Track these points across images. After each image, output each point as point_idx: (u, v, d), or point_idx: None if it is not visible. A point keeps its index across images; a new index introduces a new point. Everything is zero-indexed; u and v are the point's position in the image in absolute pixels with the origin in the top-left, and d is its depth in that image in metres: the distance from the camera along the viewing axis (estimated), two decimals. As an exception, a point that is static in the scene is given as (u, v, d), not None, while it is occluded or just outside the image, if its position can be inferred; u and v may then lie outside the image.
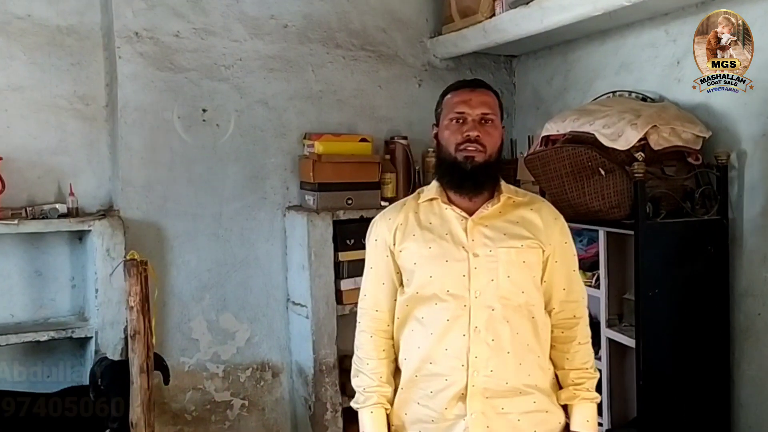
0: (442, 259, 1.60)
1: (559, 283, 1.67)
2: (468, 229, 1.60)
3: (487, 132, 1.60)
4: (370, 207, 2.99)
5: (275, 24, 3.02)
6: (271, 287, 3.06)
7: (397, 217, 1.69)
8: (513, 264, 1.59)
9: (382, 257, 1.71)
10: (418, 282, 1.62)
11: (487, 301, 1.57)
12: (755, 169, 2.24)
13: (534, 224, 1.64)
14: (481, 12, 2.89)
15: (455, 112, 1.62)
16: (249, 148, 2.98)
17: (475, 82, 1.70)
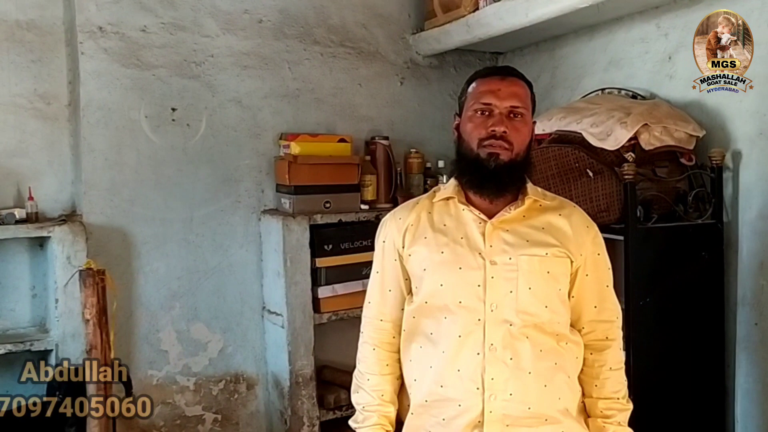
0: (455, 265, 1.43)
1: (590, 300, 1.50)
2: (486, 233, 1.43)
3: (515, 128, 1.43)
4: (349, 210, 2.87)
5: (249, 19, 2.88)
6: (246, 295, 2.92)
7: (409, 216, 1.53)
8: (535, 274, 1.42)
9: (389, 261, 1.54)
10: (427, 290, 1.46)
11: (504, 315, 1.40)
12: (751, 170, 2.12)
13: (562, 231, 1.46)
14: (464, 6, 2.76)
15: (481, 103, 1.43)
16: (221, 149, 2.84)
17: (505, 69, 1.52)
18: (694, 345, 2.15)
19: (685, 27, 2.33)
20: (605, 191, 2.10)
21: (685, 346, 2.14)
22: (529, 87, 1.50)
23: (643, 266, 2.07)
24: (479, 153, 1.43)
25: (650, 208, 2.09)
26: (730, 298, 2.17)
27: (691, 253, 2.13)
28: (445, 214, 1.50)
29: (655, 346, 2.11)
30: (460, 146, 1.51)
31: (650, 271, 2.09)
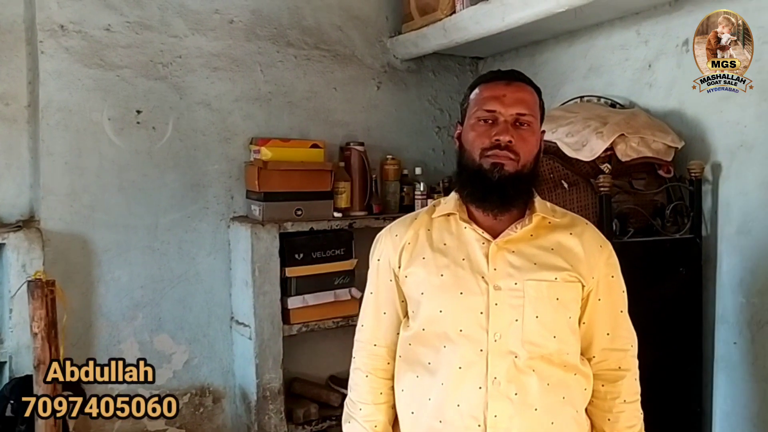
0: (455, 290, 1.33)
1: (602, 327, 1.39)
2: (490, 254, 1.33)
3: (522, 137, 1.33)
4: (321, 218, 2.78)
5: (220, 19, 2.78)
6: (213, 305, 2.82)
7: (406, 233, 1.42)
8: (543, 301, 1.31)
9: (384, 281, 1.44)
10: (425, 316, 1.36)
11: (509, 345, 1.29)
12: (731, 184, 2.05)
13: (573, 252, 1.36)
14: (441, 9, 2.68)
15: (484, 110, 1.34)
16: (189, 154, 2.74)
17: (511, 73, 1.41)
18: (671, 364, 2.07)
19: (666, 34, 2.27)
20: (580, 203, 2.02)
21: (661, 365, 2.05)
22: (537, 93, 1.41)
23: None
24: (482, 163, 1.33)
25: (627, 221, 2.01)
26: (708, 316, 2.10)
27: (668, 269, 2.05)
28: (446, 232, 1.39)
29: (630, 365, 2.02)
30: (461, 157, 1.41)
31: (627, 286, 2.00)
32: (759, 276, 1.94)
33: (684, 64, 2.20)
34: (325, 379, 3.03)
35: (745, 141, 1.99)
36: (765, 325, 1.92)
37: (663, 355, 2.05)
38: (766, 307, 1.92)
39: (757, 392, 1.96)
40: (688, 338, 2.09)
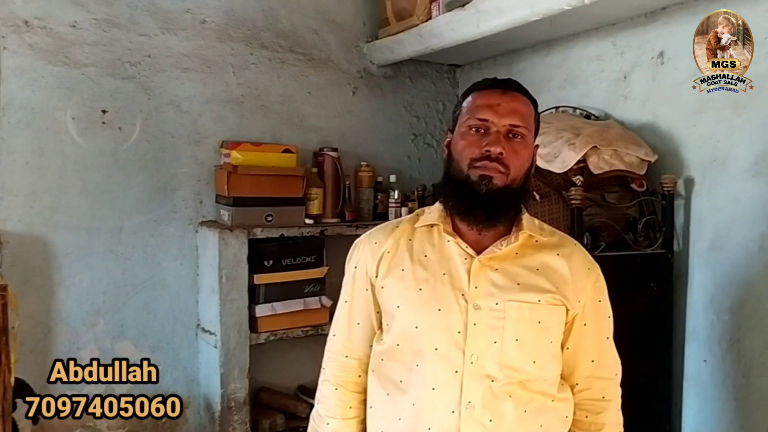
0: (433, 306, 1.26)
1: (587, 353, 1.33)
2: (472, 271, 1.27)
3: (514, 149, 1.26)
4: (292, 225, 2.72)
5: (191, 18, 2.72)
6: (179, 311, 2.75)
7: (386, 241, 1.35)
8: (525, 324, 1.25)
9: (359, 290, 1.38)
10: (399, 331, 1.29)
11: (485, 368, 1.23)
12: (703, 199, 2.03)
13: (559, 274, 1.30)
14: (417, 15, 2.64)
15: (476, 119, 1.28)
16: (157, 156, 2.67)
17: (507, 82, 1.34)
18: (641, 381, 2.03)
19: (641, 46, 2.24)
20: (552, 216, 1.98)
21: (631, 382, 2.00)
22: (533, 105, 1.34)
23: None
24: (470, 175, 1.27)
25: (598, 235, 1.98)
26: (678, 333, 2.07)
27: (639, 284, 2.02)
28: (428, 244, 1.33)
29: (599, 381, 1.99)
30: (449, 166, 1.34)
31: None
32: (730, 293, 1.91)
33: (659, 77, 2.18)
34: (294, 389, 2.97)
35: (718, 156, 1.97)
36: (735, 344, 1.89)
37: (632, 371, 1.99)
38: (736, 324, 1.89)
39: (726, 411, 1.94)
40: (658, 355, 2.06)
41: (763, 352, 1.81)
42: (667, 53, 2.14)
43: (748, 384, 1.85)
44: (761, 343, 1.82)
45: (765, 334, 1.81)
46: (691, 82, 2.04)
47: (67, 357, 2.48)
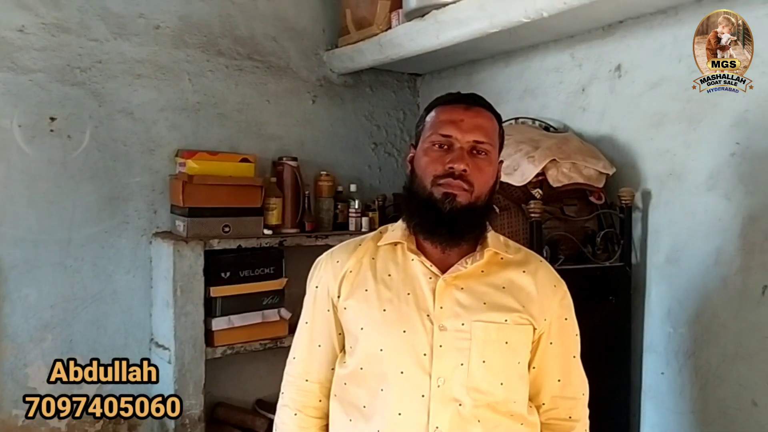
0: (398, 327, 1.22)
1: (553, 372, 1.30)
2: (437, 291, 1.23)
3: (478, 166, 1.23)
4: (250, 235, 2.66)
5: (145, 24, 2.64)
6: (131, 326, 2.66)
7: (348, 260, 1.31)
8: (492, 345, 1.21)
9: (321, 311, 1.33)
10: (363, 354, 1.25)
11: (452, 392, 1.19)
12: (660, 212, 2.04)
13: (526, 292, 1.27)
14: (377, 24, 2.61)
15: (439, 135, 1.24)
16: (108, 165, 2.58)
17: (471, 97, 1.31)
18: (599, 394, 2.02)
19: (599, 59, 2.26)
20: (511, 229, 1.97)
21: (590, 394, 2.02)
22: (497, 120, 1.32)
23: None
24: (433, 192, 1.23)
25: (557, 248, 1.97)
26: (636, 346, 2.08)
27: (598, 297, 2.02)
28: (391, 262, 1.29)
29: (559, 394, 1.98)
30: (411, 183, 1.30)
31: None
32: (687, 306, 1.93)
33: (617, 90, 2.19)
34: (252, 404, 2.90)
35: (675, 169, 1.98)
36: (692, 356, 1.90)
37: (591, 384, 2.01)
38: (693, 337, 1.91)
39: (683, 424, 1.95)
40: (616, 368, 2.07)
41: (719, 364, 1.83)
42: (625, 66, 2.15)
43: (705, 396, 1.86)
44: (717, 356, 1.84)
45: (721, 347, 1.83)
46: (648, 95, 2.07)
47: (13, 375, 2.41)
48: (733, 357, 1.79)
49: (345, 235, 2.86)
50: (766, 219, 1.72)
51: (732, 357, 1.79)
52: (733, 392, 1.79)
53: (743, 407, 1.76)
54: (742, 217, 1.77)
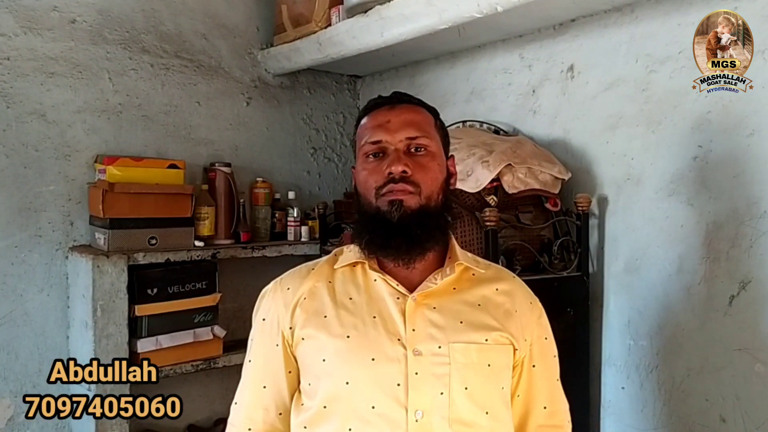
0: (366, 355, 1.07)
1: (539, 399, 1.18)
2: (407, 312, 1.09)
3: (419, 164, 1.11)
4: (179, 248, 2.46)
5: (59, 17, 2.40)
6: (46, 350, 2.40)
7: (301, 286, 1.15)
8: (473, 368, 1.08)
9: (269, 347, 1.15)
10: (327, 391, 1.08)
11: (433, 426, 1.04)
12: (618, 218, 1.95)
13: (503, 309, 1.15)
14: (315, 21, 2.45)
15: (370, 144, 1.12)
16: (18, 172, 2.32)
17: (395, 96, 1.20)
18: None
19: (550, 59, 2.16)
20: (465, 238, 1.84)
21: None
22: (431, 112, 1.18)
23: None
24: (379, 205, 1.10)
25: (513, 258, 1.85)
26: (595, 359, 1.98)
27: (556, 309, 1.88)
28: (351, 285, 1.15)
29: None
30: (358, 202, 1.16)
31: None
32: (648, 317, 1.84)
33: (569, 91, 2.10)
34: (183, 429, 2.68)
35: (632, 174, 1.90)
36: (654, 370, 1.82)
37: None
38: (655, 350, 1.82)
39: (645, 440, 1.86)
40: (574, 383, 1.94)
41: (683, 379, 1.74)
42: (578, 66, 2.06)
43: (669, 412, 1.78)
44: (681, 370, 1.75)
45: (685, 360, 1.75)
46: (602, 96, 1.99)
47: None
48: (698, 371, 1.71)
49: (283, 245, 2.70)
50: (731, 225, 1.65)
51: (698, 371, 1.71)
52: (700, 408, 1.71)
53: (710, 424, 1.68)
54: (706, 223, 1.70)
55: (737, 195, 1.65)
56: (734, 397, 1.64)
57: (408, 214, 1.09)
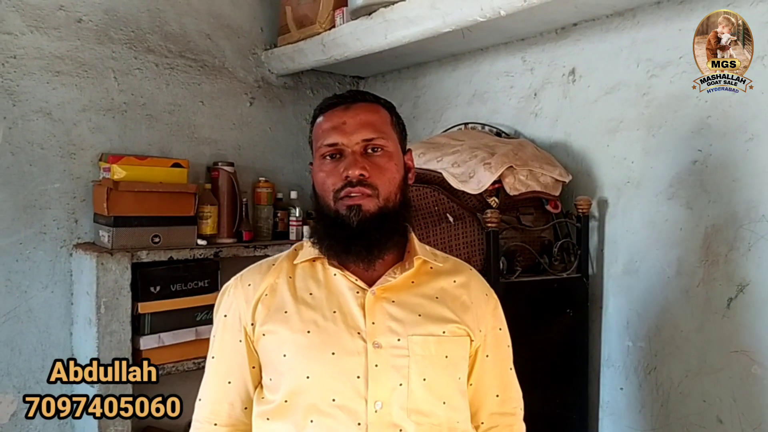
0: (326, 350, 1.09)
1: (492, 388, 1.21)
2: (367, 305, 1.11)
3: (376, 165, 1.12)
4: (182, 246, 2.47)
5: (65, 16, 2.42)
6: (50, 346, 2.42)
7: (262, 282, 1.17)
8: (431, 360, 1.11)
9: (231, 342, 1.16)
10: (288, 385, 1.10)
11: (393, 417, 1.07)
12: (618, 221, 1.97)
13: (460, 301, 1.18)
14: (319, 22, 2.47)
15: (326, 146, 1.13)
16: (23, 170, 2.34)
17: (350, 95, 1.19)
18: (555, 411, 1.95)
19: (551, 63, 2.18)
20: (466, 239, 1.86)
21: (544, 412, 1.93)
22: (388, 109, 1.19)
23: (507, 324, 1.84)
24: (338, 209, 1.12)
25: (514, 259, 1.87)
26: (594, 360, 2.00)
27: (555, 310, 1.93)
28: (311, 280, 1.16)
29: (516, 413, 1.88)
30: (317, 203, 1.17)
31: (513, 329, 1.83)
32: (646, 319, 1.86)
33: (570, 95, 2.12)
34: (184, 427, 2.69)
35: (632, 177, 1.92)
36: (653, 371, 1.84)
37: (546, 401, 1.93)
38: (653, 351, 1.84)
39: (643, 440, 1.88)
40: (573, 384, 1.98)
41: (682, 380, 1.76)
42: (579, 70, 2.08)
43: (667, 413, 1.80)
44: (680, 371, 1.77)
45: (683, 361, 1.77)
46: (603, 100, 2.00)
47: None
48: (696, 372, 1.73)
49: (285, 245, 2.71)
50: (730, 229, 1.67)
51: (695, 372, 1.73)
52: (697, 409, 1.73)
53: (708, 425, 1.70)
54: (705, 226, 1.72)
55: (736, 199, 1.67)
56: (731, 399, 1.66)
57: (367, 218, 1.11)
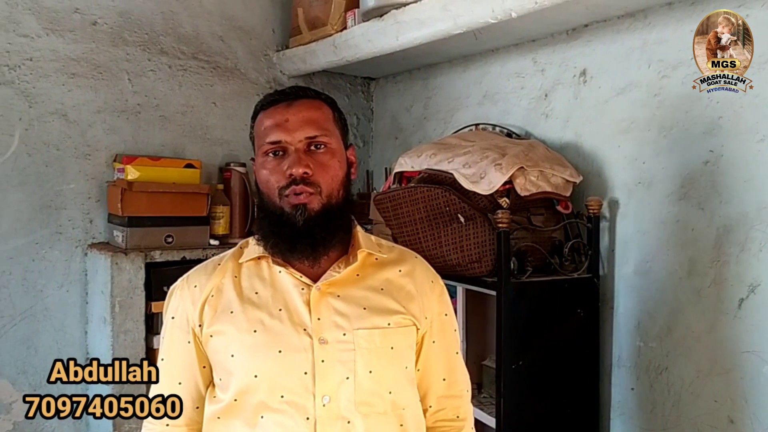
0: (272, 348, 1.10)
1: (438, 372, 1.23)
2: (312, 302, 1.12)
3: (320, 163, 1.12)
4: (195, 246, 2.50)
5: (80, 19, 2.45)
6: (65, 345, 2.46)
7: (207, 283, 1.17)
8: (377, 352, 1.12)
9: (180, 344, 1.18)
10: (237, 384, 1.12)
11: (341, 410, 1.09)
12: (628, 221, 1.97)
13: (405, 291, 1.19)
14: (331, 24, 2.49)
15: (269, 144, 1.13)
16: (39, 171, 2.38)
17: (291, 91, 1.19)
18: (567, 410, 1.95)
19: (562, 64, 2.18)
20: (477, 240, 1.87)
21: (555, 412, 1.94)
22: (330, 105, 1.19)
23: (517, 324, 1.85)
24: (283, 207, 1.12)
25: (525, 259, 1.88)
26: (605, 360, 2.00)
27: (566, 310, 1.94)
28: (257, 279, 1.17)
29: (525, 412, 1.88)
30: (261, 200, 1.18)
31: (524, 329, 1.87)
32: (657, 319, 1.86)
33: (581, 95, 2.12)
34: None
35: (643, 177, 1.92)
36: (664, 372, 1.84)
37: (557, 401, 1.94)
38: (665, 352, 1.84)
39: (653, 441, 1.88)
40: (584, 384, 1.98)
41: (693, 380, 1.76)
42: (590, 71, 2.09)
43: (678, 413, 1.80)
44: (691, 372, 1.77)
45: (695, 362, 1.76)
46: (614, 101, 2.00)
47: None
48: (708, 373, 1.73)
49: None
50: (742, 229, 1.66)
51: (707, 373, 1.73)
52: (709, 409, 1.73)
53: (719, 425, 1.70)
54: (717, 227, 1.72)
55: (747, 199, 1.67)
56: (743, 399, 1.66)
57: (312, 217, 1.11)
